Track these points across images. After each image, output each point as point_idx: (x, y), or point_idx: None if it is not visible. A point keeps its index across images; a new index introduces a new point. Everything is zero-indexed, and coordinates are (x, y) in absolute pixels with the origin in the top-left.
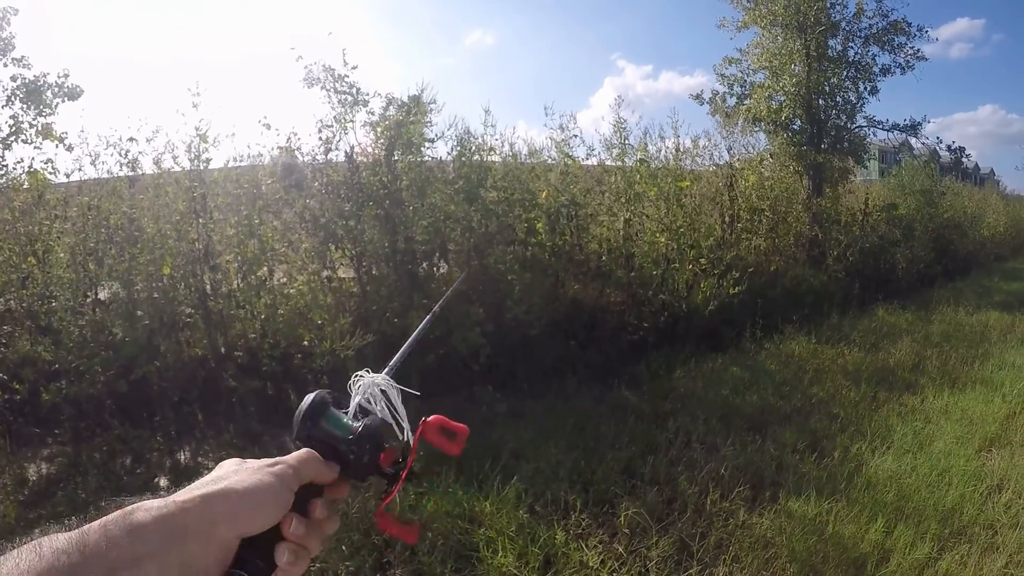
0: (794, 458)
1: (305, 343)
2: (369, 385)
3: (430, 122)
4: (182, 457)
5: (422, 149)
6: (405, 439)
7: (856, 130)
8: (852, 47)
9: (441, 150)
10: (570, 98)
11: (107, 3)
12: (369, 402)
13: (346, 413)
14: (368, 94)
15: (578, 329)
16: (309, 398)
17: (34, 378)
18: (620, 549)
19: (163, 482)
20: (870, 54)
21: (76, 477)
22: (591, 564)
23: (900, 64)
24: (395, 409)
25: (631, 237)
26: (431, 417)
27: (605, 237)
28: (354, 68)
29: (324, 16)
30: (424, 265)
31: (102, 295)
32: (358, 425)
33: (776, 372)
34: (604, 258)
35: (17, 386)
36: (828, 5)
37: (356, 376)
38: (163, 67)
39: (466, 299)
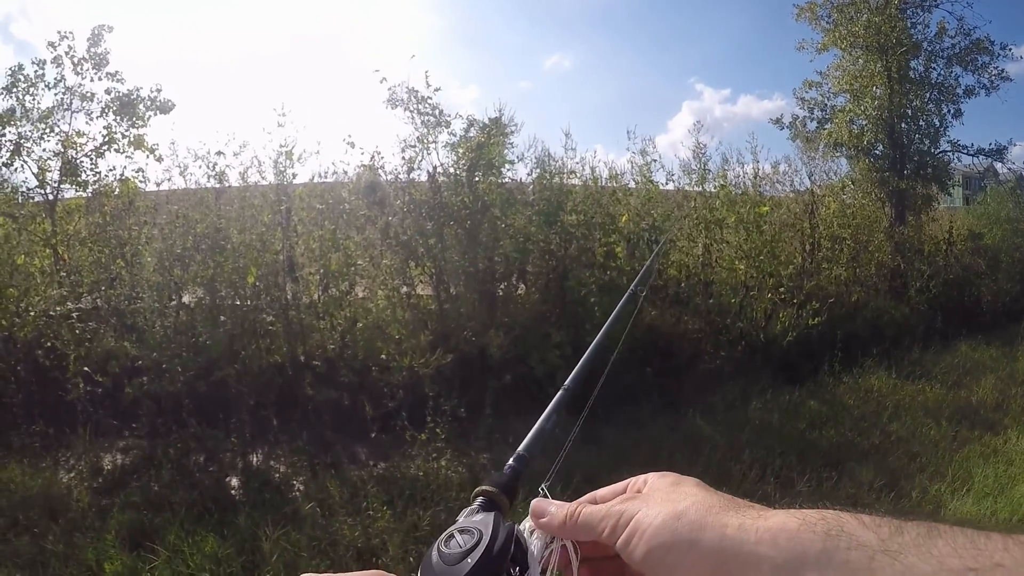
0: (871, 497)
1: (383, 357)
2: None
3: (511, 144)
4: (254, 459)
5: (502, 170)
6: None
7: (940, 155)
8: (935, 68)
9: (521, 172)
10: (648, 122)
11: (200, 8)
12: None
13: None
14: (450, 116)
15: (654, 356)
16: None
17: (117, 373)
18: None
19: (235, 482)
20: (953, 75)
21: (150, 470)
22: None
23: (984, 85)
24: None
25: (710, 264)
26: None
27: (684, 263)
28: (437, 90)
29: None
30: (503, 286)
31: (186, 299)
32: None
33: (854, 407)
34: (682, 284)
35: (100, 379)
36: (909, 25)
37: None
38: (248, 65)
39: (545, 321)
